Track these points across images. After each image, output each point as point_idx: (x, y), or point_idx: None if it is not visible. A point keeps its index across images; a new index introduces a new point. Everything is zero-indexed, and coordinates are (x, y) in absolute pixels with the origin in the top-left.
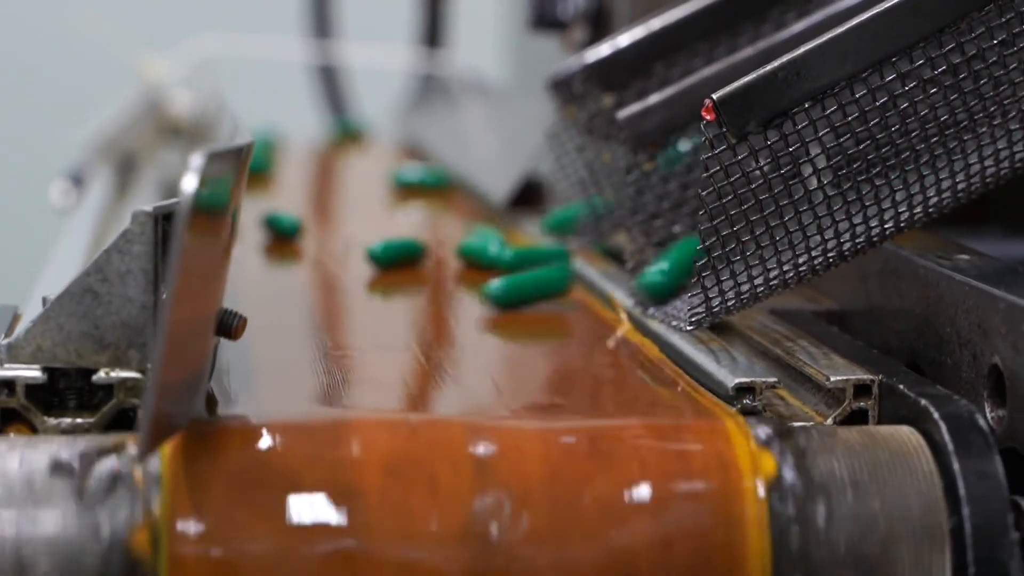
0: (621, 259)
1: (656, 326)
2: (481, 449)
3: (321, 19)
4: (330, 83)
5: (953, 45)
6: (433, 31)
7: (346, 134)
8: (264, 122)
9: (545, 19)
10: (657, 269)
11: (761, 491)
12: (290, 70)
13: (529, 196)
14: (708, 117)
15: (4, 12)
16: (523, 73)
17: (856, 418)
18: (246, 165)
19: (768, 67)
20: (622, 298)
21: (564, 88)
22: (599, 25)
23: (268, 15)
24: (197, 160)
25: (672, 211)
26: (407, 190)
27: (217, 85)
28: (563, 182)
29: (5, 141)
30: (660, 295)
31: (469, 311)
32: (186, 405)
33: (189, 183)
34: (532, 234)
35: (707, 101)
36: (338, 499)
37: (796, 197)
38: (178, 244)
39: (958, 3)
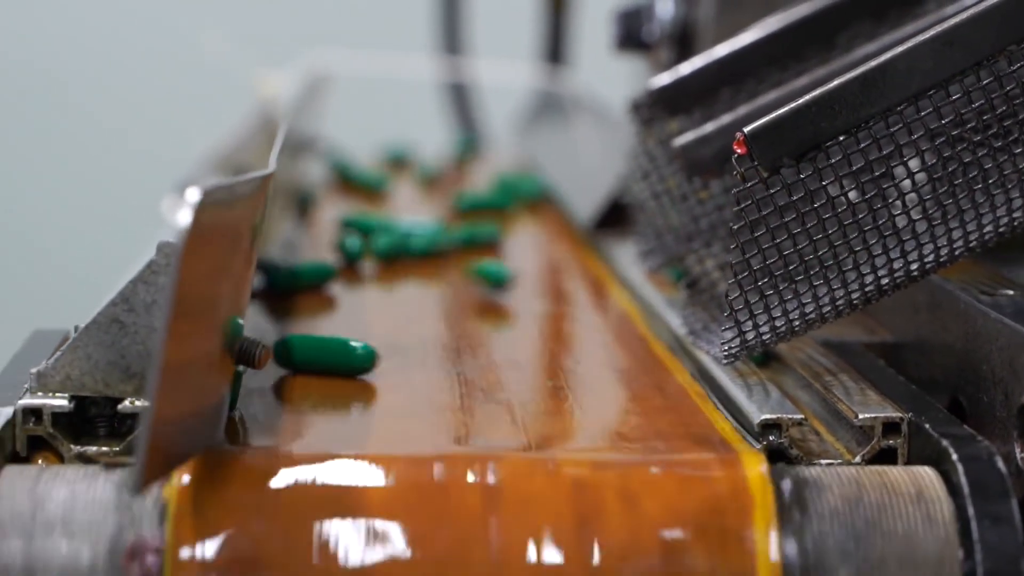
0: (688, 285)
1: (703, 356)
2: (490, 479)
3: (451, 35)
4: (459, 99)
5: (991, 79)
6: (555, 48)
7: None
8: (388, 137)
9: (631, 40)
10: None
11: (772, 532)
12: (418, 86)
13: (620, 218)
14: (740, 151)
15: (128, 30)
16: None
17: (886, 456)
18: (263, 195)
19: (801, 100)
20: (676, 326)
21: (638, 113)
22: (685, 46)
23: (397, 31)
24: (194, 195)
25: (727, 239)
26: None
27: (328, 100)
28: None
29: (127, 156)
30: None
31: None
32: (198, 436)
33: (184, 219)
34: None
35: (738, 135)
36: (351, 535)
37: (831, 231)
38: (172, 278)
39: (994, 37)
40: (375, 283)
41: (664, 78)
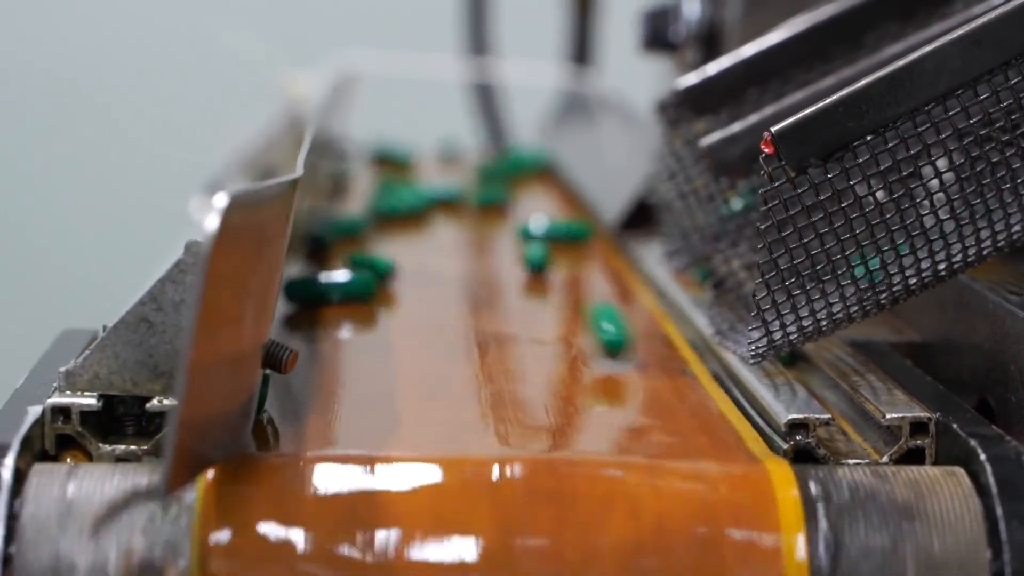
0: (714, 285)
1: (729, 356)
2: (514, 482)
3: (477, 36)
4: (485, 99)
5: (1020, 78)
6: (581, 49)
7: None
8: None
9: (657, 41)
10: None
11: (798, 535)
12: (445, 86)
13: (646, 218)
14: (767, 150)
15: (156, 30)
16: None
17: (914, 456)
18: (291, 199)
19: (828, 100)
20: (702, 326)
21: (664, 113)
22: (711, 46)
23: (424, 32)
24: (221, 200)
25: (754, 239)
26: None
27: (354, 100)
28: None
29: (155, 155)
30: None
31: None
32: (224, 440)
33: (211, 223)
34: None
35: (765, 134)
36: (371, 540)
37: (859, 231)
38: (198, 284)
39: (1023, 36)
40: (403, 234)
41: (691, 78)
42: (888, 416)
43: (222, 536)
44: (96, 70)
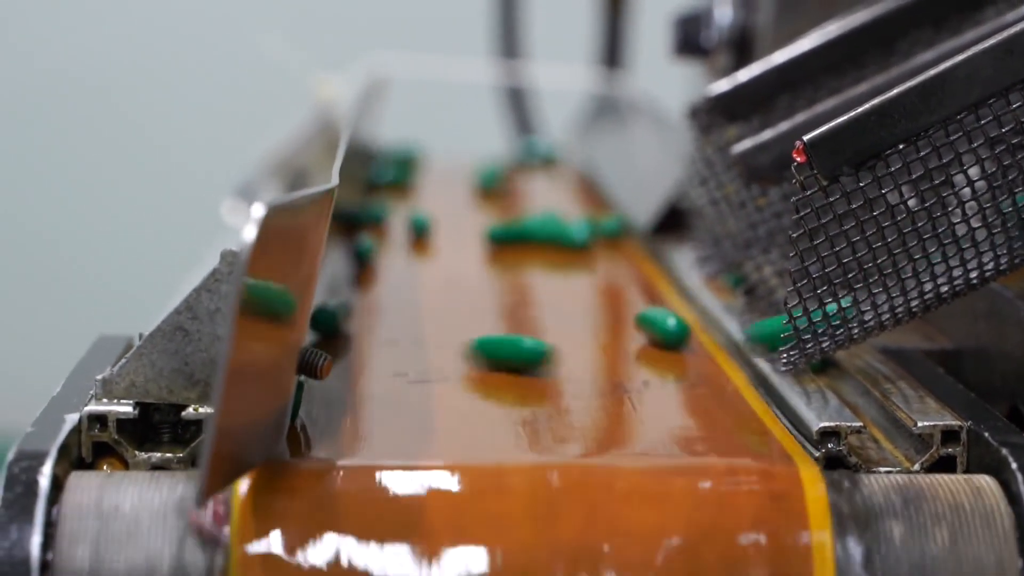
0: (746, 291)
1: (761, 363)
2: (547, 487)
3: (508, 39)
4: (516, 102)
5: None
6: (612, 52)
7: (534, 158)
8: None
9: (689, 46)
10: None
11: (829, 542)
12: (477, 90)
13: (678, 223)
14: (799, 159)
15: (186, 34)
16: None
17: (945, 464)
18: (327, 209)
19: (860, 109)
20: (735, 332)
21: (695, 119)
22: (743, 52)
23: (455, 36)
24: (259, 210)
25: (785, 246)
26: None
27: (386, 103)
28: (697, 211)
29: (186, 160)
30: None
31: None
32: (261, 445)
33: (249, 233)
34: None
35: (798, 143)
36: (406, 547)
37: (890, 239)
38: (236, 292)
39: None
40: None
41: (722, 85)
42: (919, 424)
43: (258, 543)
44: (127, 76)
